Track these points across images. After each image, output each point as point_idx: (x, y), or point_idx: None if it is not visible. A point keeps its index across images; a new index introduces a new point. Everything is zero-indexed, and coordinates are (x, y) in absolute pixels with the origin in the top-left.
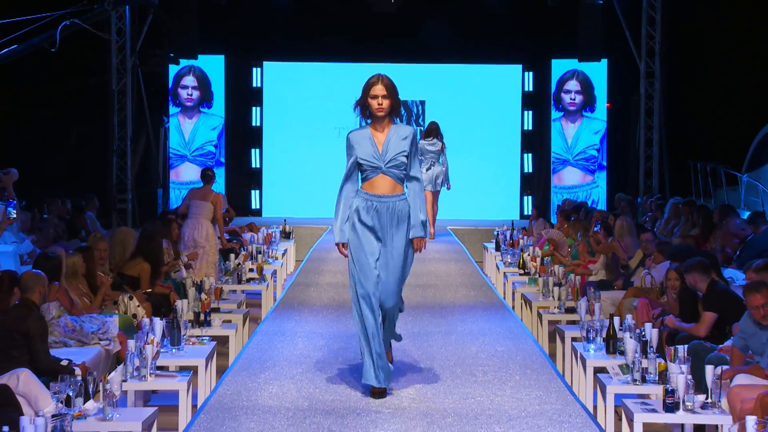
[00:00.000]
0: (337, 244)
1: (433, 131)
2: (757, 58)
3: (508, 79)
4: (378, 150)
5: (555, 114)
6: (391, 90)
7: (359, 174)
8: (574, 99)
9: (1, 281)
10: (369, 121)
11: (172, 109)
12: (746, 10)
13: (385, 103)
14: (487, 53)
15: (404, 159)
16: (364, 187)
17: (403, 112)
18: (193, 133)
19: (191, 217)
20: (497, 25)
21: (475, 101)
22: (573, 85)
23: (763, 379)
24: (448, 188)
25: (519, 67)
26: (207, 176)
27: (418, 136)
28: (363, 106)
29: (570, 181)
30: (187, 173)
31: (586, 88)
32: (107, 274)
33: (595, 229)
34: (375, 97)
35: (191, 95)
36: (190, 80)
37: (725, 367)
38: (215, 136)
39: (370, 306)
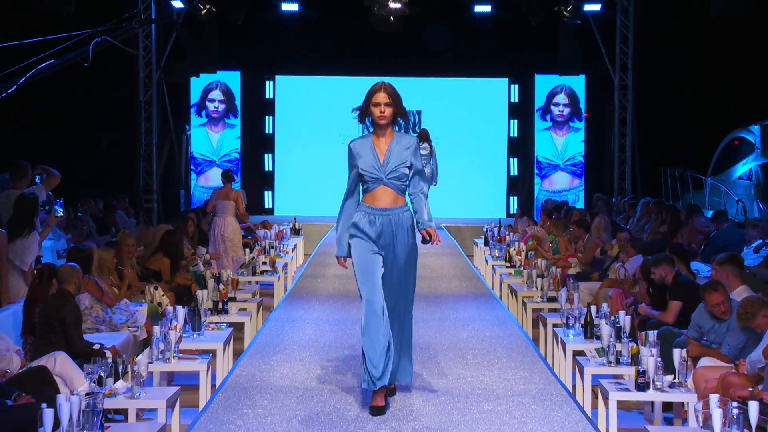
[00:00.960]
0: (337, 257)
1: (424, 137)
2: (721, 73)
3: (496, 91)
4: (379, 160)
5: (545, 124)
6: (394, 98)
7: (360, 186)
8: (563, 111)
9: (42, 273)
10: (371, 129)
11: (201, 120)
12: (710, 30)
13: (388, 111)
14: (476, 68)
15: (406, 170)
16: (365, 200)
17: (400, 121)
18: (219, 141)
19: (217, 215)
20: (486, 43)
21: (466, 111)
22: (561, 98)
23: (725, 363)
24: (435, 185)
25: (505, 80)
26: (227, 176)
27: None
28: (364, 113)
29: (560, 185)
30: (215, 178)
31: (573, 101)
32: (135, 267)
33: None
34: (377, 105)
35: (217, 108)
36: (216, 94)
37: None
38: (239, 144)
39: (382, 311)
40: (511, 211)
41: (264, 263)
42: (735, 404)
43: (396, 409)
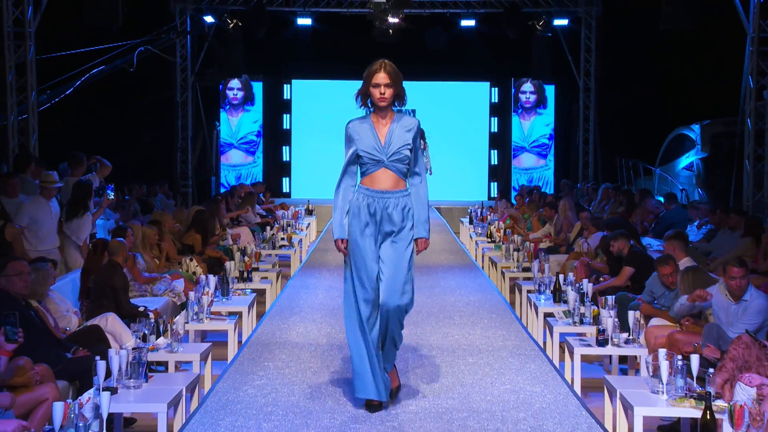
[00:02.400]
0: (335, 241)
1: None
2: (668, 79)
3: (479, 93)
4: (380, 142)
5: (514, 111)
6: (395, 77)
7: (358, 168)
8: (529, 98)
9: (95, 247)
10: (371, 110)
11: (222, 106)
12: (659, 42)
13: (388, 92)
14: (462, 73)
15: (408, 152)
16: (364, 182)
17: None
18: (238, 125)
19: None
20: (471, 52)
21: (454, 110)
22: (528, 86)
23: (671, 323)
24: (430, 174)
25: (487, 84)
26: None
27: None
28: (365, 95)
29: (527, 164)
30: (234, 158)
31: (539, 89)
32: (174, 242)
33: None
34: (377, 86)
35: (237, 95)
36: (235, 83)
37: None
38: (257, 128)
39: (370, 310)
40: (492, 195)
41: (282, 239)
42: (680, 358)
43: None
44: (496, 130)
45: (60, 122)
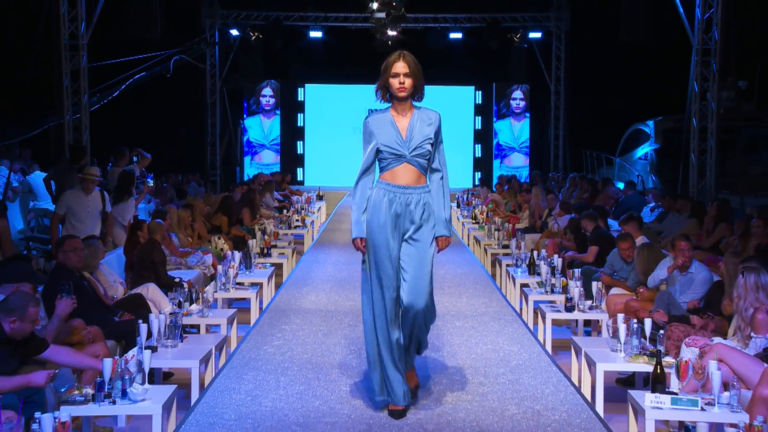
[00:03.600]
0: (354, 240)
1: None
2: (626, 82)
3: (465, 96)
4: (401, 136)
5: (506, 115)
6: (414, 68)
7: (377, 164)
8: (519, 104)
9: (139, 226)
10: (390, 104)
11: (255, 111)
12: (619, 50)
13: (408, 82)
14: (451, 78)
15: (430, 147)
16: (384, 177)
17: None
18: (270, 129)
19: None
20: (458, 61)
21: (443, 110)
22: (518, 94)
23: (628, 292)
24: None
25: (472, 87)
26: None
27: None
28: (384, 88)
29: (516, 163)
30: (266, 158)
31: (527, 96)
32: (204, 223)
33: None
34: (396, 75)
35: (269, 102)
36: (268, 91)
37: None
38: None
39: (394, 311)
40: (475, 183)
41: (297, 220)
42: (635, 321)
43: None
44: (479, 128)
45: (108, 120)
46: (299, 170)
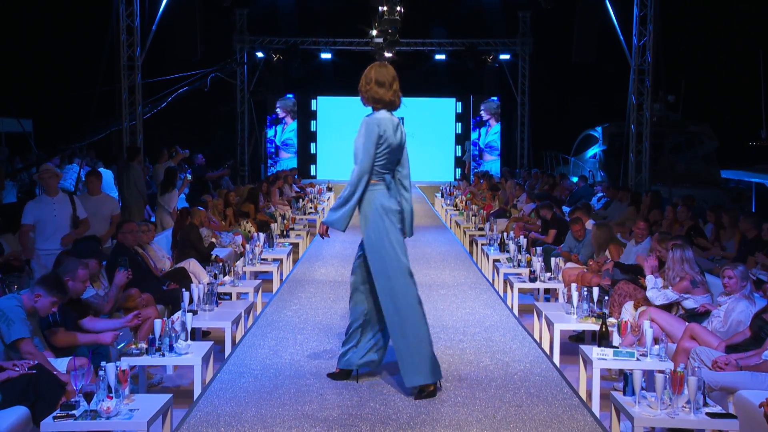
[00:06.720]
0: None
1: None
2: (578, 96)
3: (448, 106)
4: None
5: (478, 123)
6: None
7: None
8: (492, 113)
9: (181, 213)
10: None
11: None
12: (572, 70)
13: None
14: (436, 92)
15: None
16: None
17: None
18: (283, 132)
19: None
20: (441, 77)
21: (431, 118)
22: (491, 105)
23: (580, 266)
24: None
25: (453, 99)
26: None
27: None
28: (395, 94)
29: (489, 161)
30: (283, 156)
31: (498, 107)
32: (234, 210)
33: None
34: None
35: (280, 113)
36: (280, 103)
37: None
38: (299, 136)
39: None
40: (456, 177)
41: (311, 208)
42: (585, 289)
43: None
44: (459, 132)
45: (158, 127)
46: (312, 167)
